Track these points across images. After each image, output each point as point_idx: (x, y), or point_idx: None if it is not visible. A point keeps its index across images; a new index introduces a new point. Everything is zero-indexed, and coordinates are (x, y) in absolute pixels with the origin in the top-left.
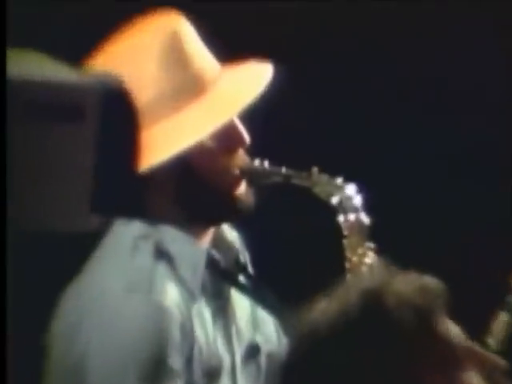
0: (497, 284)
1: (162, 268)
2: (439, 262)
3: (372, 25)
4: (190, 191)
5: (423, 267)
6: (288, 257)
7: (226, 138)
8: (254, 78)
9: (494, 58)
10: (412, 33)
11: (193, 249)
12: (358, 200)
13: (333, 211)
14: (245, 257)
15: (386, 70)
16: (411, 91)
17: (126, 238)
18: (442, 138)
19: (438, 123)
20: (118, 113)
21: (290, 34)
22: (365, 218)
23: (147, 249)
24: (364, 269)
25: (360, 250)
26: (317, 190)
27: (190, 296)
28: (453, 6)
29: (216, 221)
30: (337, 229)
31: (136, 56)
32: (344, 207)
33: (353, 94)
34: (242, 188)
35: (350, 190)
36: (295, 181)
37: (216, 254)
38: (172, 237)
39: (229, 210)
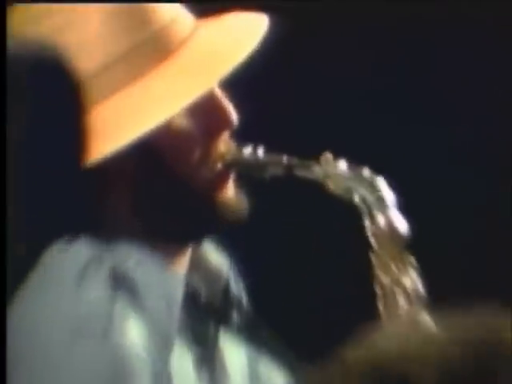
0: None
1: (121, 302)
2: None
3: None
4: (156, 194)
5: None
6: (295, 284)
7: (204, 116)
8: (242, 33)
9: None
10: None
11: (164, 276)
12: (390, 198)
13: (355, 214)
14: (237, 286)
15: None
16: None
17: (71, 263)
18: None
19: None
20: (52, 89)
21: None
22: (401, 223)
23: (100, 277)
24: (403, 297)
25: (395, 268)
26: (332, 184)
27: (162, 340)
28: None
29: (194, 236)
30: (360, 238)
31: (77, 15)
32: (371, 208)
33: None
34: (229, 187)
35: (380, 184)
36: (301, 172)
37: (196, 283)
38: (135, 260)
39: (211, 220)
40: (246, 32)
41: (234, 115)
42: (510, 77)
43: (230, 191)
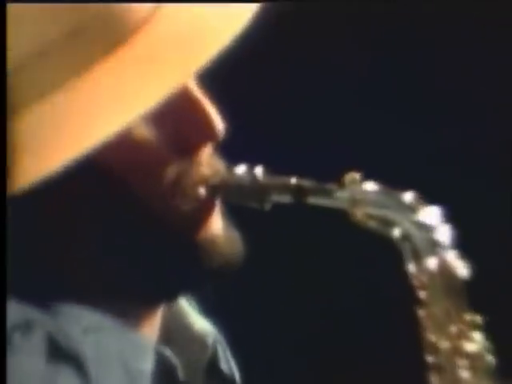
0: None
1: (63, 380)
2: None
3: None
4: (111, 233)
5: None
6: (310, 359)
7: (177, 124)
8: (223, 12)
9: None
10: None
11: (125, 345)
12: (445, 233)
13: (392, 255)
14: (225, 359)
15: None
16: None
17: None
18: None
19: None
20: None
21: None
22: (461, 268)
23: (34, 347)
24: (465, 368)
25: (454, 329)
26: (360, 213)
27: None
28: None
29: (167, 292)
30: (402, 289)
31: None
32: (418, 247)
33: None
34: (215, 220)
35: (429, 213)
36: (317, 199)
37: (171, 355)
38: (82, 325)
39: (190, 269)
40: (229, 12)
41: (218, 122)
42: None
43: (217, 226)
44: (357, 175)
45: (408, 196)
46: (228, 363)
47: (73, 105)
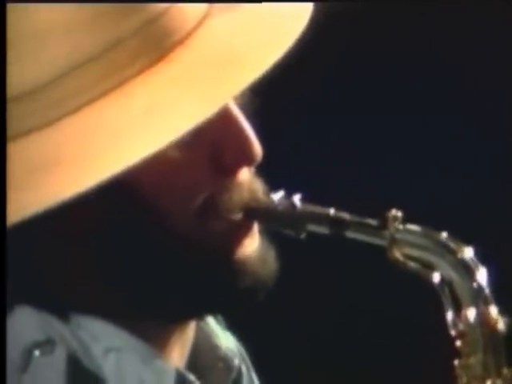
0: None
1: None
2: None
3: None
4: (139, 252)
5: None
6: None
7: (215, 146)
8: (272, 24)
9: None
10: None
11: (148, 369)
12: (484, 279)
13: (429, 300)
14: (248, 378)
15: None
16: None
17: (9, 349)
18: None
19: None
20: None
21: None
22: (497, 317)
23: (52, 366)
24: None
25: (490, 382)
26: (398, 253)
27: None
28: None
29: (196, 311)
30: (438, 339)
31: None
32: (459, 296)
33: None
34: (251, 242)
35: (469, 256)
36: (356, 234)
37: (194, 381)
38: (103, 345)
39: (223, 287)
40: (279, 24)
41: (257, 145)
42: None
43: (252, 246)
44: (398, 213)
45: (447, 237)
46: (250, 381)
47: (105, 123)
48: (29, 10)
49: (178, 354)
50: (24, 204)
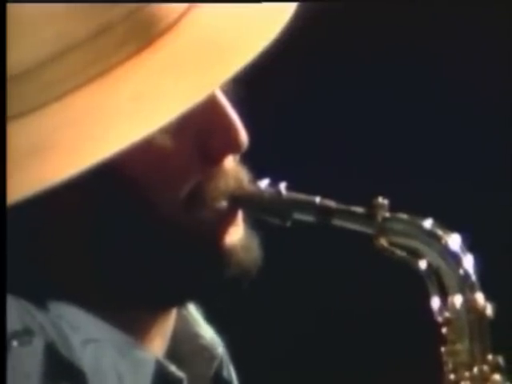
0: None
1: None
2: None
3: None
4: (123, 238)
5: None
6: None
7: (200, 133)
8: (258, 14)
9: None
10: None
11: (122, 356)
12: (470, 266)
13: (415, 287)
14: (227, 367)
15: None
16: None
17: None
18: None
19: None
20: None
21: None
22: (488, 307)
23: (30, 357)
24: None
25: (478, 371)
26: (385, 241)
27: None
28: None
29: (178, 298)
30: (425, 325)
31: None
32: (445, 282)
33: None
34: (236, 230)
35: (455, 243)
36: (342, 222)
37: (175, 370)
38: (83, 333)
39: (205, 277)
40: (265, 14)
41: (243, 133)
42: None
43: (236, 235)
44: (385, 201)
45: (433, 225)
46: (228, 370)
47: (93, 108)
48: None
49: (159, 342)
50: (13, 189)
